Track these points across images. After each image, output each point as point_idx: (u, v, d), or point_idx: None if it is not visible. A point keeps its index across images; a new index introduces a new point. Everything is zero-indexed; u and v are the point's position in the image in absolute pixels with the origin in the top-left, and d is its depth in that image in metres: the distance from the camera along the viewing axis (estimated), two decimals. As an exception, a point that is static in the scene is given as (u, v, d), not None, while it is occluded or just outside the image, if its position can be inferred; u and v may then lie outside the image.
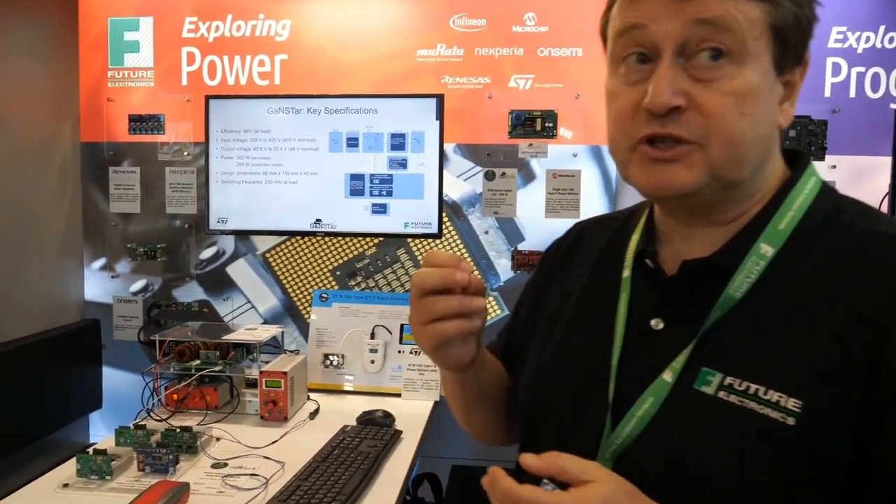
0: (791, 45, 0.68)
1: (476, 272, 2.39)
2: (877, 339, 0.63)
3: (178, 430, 1.62)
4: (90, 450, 1.49)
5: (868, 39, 2.39)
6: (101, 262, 2.54)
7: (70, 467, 1.52)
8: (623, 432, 0.71)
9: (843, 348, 0.64)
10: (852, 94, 2.41)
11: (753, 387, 0.66)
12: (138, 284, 2.52)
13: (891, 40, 2.39)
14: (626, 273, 0.80)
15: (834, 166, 2.39)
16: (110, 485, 1.46)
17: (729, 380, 0.67)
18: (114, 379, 2.55)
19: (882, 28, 2.39)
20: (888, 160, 2.22)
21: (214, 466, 1.56)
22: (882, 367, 0.62)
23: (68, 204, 2.48)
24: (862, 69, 2.40)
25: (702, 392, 0.68)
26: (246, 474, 1.52)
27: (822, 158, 2.36)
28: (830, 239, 0.69)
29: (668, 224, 0.79)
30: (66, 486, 1.46)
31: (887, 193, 2.24)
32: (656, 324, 0.74)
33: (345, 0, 2.39)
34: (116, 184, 2.49)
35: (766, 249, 0.70)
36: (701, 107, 0.66)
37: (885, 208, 2.24)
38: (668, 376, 0.70)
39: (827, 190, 0.74)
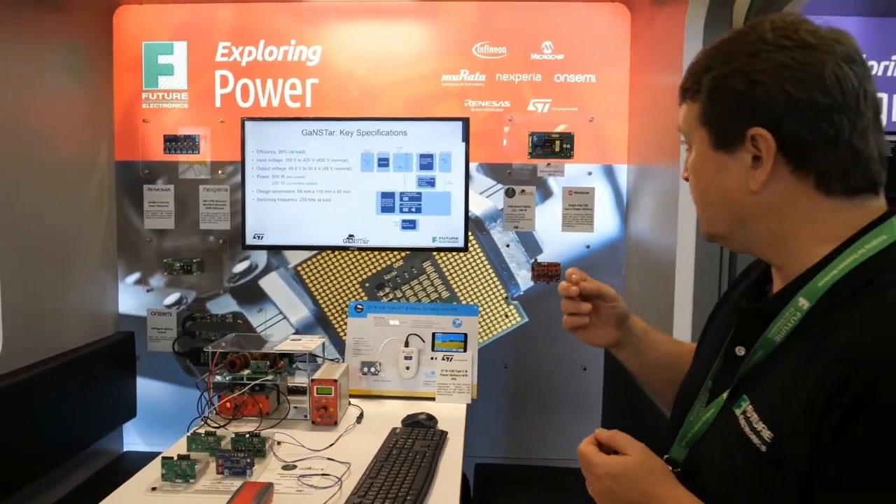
0: (717, 129, 0.87)
1: (498, 282, 2.57)
2: (839, 391, 0.72)
3: (247, 435, 1.74)
4: (174, 455, 1.60)
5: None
6: (135, 276, 2.64)
7: (153, 471, 1.63)
8: (693, 428, 0.93)
9: (817, 398, 0.73)
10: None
11: (755, 416, 0.81)
12: (172, 297, 2.63)
13: (871, 68, 2.63)
14: (743, 305, 0.98)
15: None
16: (195, 487, 1.58)
17: (748, 408, 0.83)
18: (148, 389, 2.65)
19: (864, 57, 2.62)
20: None
21: (285, 468, 1.68)
22: (823, 423, 0.73)
23: (104, 220, 2.57)
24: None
25: (734, 413, 0.85)
26: (317, 474, 1.65)
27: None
28: (860, 302, 0.76)
29: None
30: (154, 489, 1.58)
31: None
32: (739, 350, 0.89)
33: (373, 27, 2.54)
34: (151, 201, 2.59)
35: (802, 303, 0.80)
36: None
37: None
38: (725, 395, 0.89)
39: (886, 254, 0.79)
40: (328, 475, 1.64)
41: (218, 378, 2.05)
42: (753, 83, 0.81)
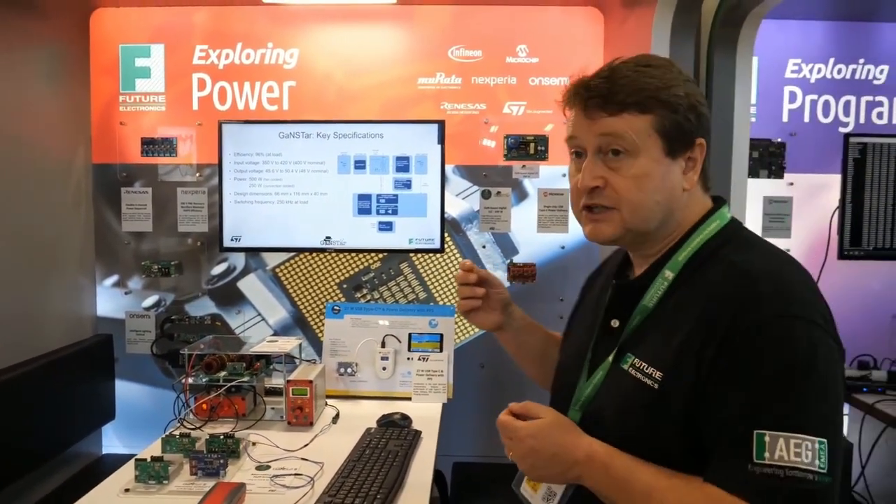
0: (675, 139, 1.01)
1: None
2: (708, 324, 0.95)
3: (221, 436, 1.76)
4: (148, 456, 1.62)
5: (820, 70, 2.67)
6: (113, 279, 2.64)
7: (126, 474, 1.64)
8: (584, 392, 1.10)
9: (691, 340, 0.96)
10: (806, 118, 2.69)
11: (643, 364, 1.01)
12: (150, 300, 2.63)
13: (839, 71, 2.68)
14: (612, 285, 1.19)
15: (791, 183, 2.66)
16: (168, 488, 1.59)
17: (636, 361, 1.03)
18: (126, 391, 2.65)
19: (832, 60, 2.67)
20: (838, 178, 2.50)
21: (259, 469, 1.70)
22: (709, 338, 0.94)
23: (82, 223, 2.57)
24: (815, 97, 2.68)
25: (623, 369, 1.05)
26: (290, 474, 1.66)
27: (781, 177, 2.62)
28: (709, 267, 1.02)
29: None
30: (127, 491, 1.59)
31: (837, 207, 2.51)
32: (614, 322, 1.10)
33: (350, 31, 2.56)
34: (129, 204, 2.60)
35: (668, 274, 1.04)
36: (613, 185, 1.02)
37: (836, 220, 2.51)
38: (610, 357, 1.08)
39: (731, 228, 1.07)
40: (301, 475, 1.66)
41: (194, 380, 2.07)
42: (699, 104, 1.04)
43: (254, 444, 1.84)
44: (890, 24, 2.64)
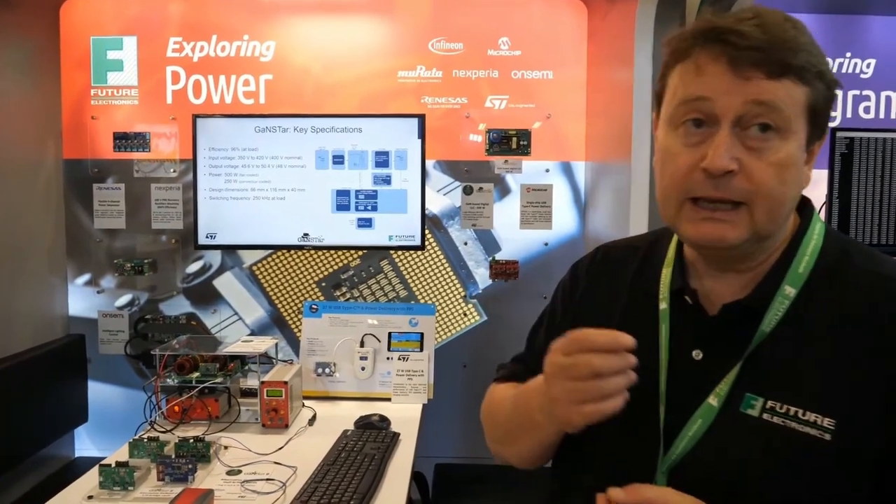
0: (820, 123, 0.81)
1: (456, 280, 2.55)
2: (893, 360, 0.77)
3: (191, 440, 1.70)
4: (112, 462, 1.56)
5: (806, 64, 2.63)
6: (85, 277, 2.57)
7: (91, 479, 1.58)
8: (677, 449, 0.82)
9: (865, 371, 0.77)
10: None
11: (793, 409, 0.77)
12: (124, 299, 2.57)
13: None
14: (664, 306, 0.89)
15: (778, 178, 2.62)
16: (134, 495, 1.54)
17: (770, 403, 0.79)
18: (99, 393, 2.59)
19: (819, 54, 2.64)
20: (825, 173, 2.47)
21: (230, 473, 1.65)
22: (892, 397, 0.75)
23: (52, 220, 2.50)
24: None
25: (747, 414, 0.80)
26: (261, 479, 1.61)
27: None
28: (844, 280, 0.82)
29: (700, 264, 0.89)
30: (90, 497, 1.53)
31: (824, 203, 2.48)
32: (697, 354, 0.85)
33: (328, 23, 2.50)
34: (101, 200, 2.53)
35: (789, 291, 0.82)
36: (750, 174, 0.77)
37: (823, 215, 2.48)
38: (713, 401, 0.81)
39: (831, 233, 0.87)
40: (273, 480, 1.61)
41: (169, 381, 2.01)
42: (837, 82, 0.81)
43: (226, 447, 1.79)
44: (877, 17, 2.61)
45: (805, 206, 0.87)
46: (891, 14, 2.59)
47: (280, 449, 1.80)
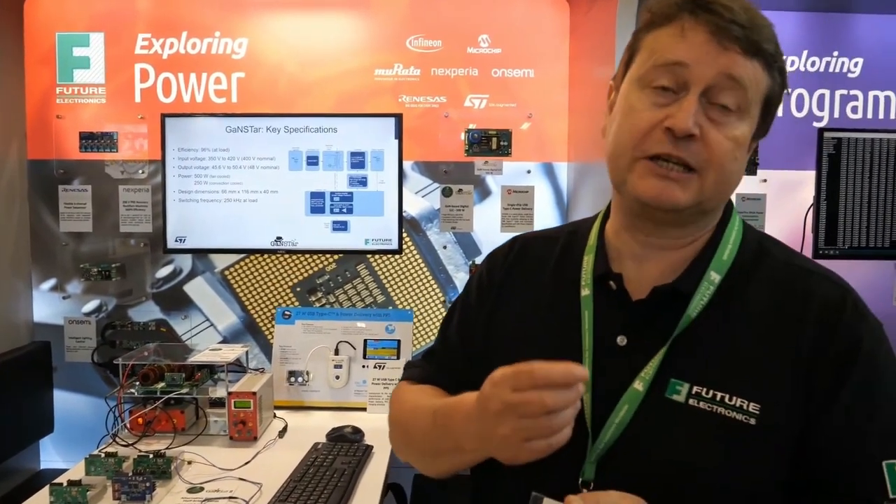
0: (769, 115, 0.83)
1: (436, 285, 2.48)
2: (814, 345, 0.80)
3: (151, 455, 1.62)
4: (64, 480, 1.48)
5: (793, 63, 2.58)
6: (50, 282, 2.48)
7: (42, 499, 1.50)
8: (605, 437, 0.81)
9: (788, 356, 0.80)
10: (780, 113, 2.58)
11: (719, 394, 0.79)
12: (91, 305, 2.48)
13: (813, 64, 2.59)
14: (586, 292, 0.89)
15: (765, 180, 2.57)
16: (87, 515, 1.46)
17: (696, 389, 0.80)
18: (66, 402, 2.50)
19: (805, 53, 2.59)
20: (812, 174, 2.41)
21: (191, 491, 1.57)
22: (820, 363, 0.79)
23: (16, 223, 2.41)
24: (788, 90, 2.58)
25: (673, 400, 0.81)
26: (224, 497, 1.54)
27: (754, 173, 2.53)
28: (764, 270, 0.85)
29: (623, 245, 0.90)
30: (40, 518, 1.45)
31: (812, 205, 2.43)
32: (621, 340, 0.85)
33: (302, 19, 2.43)
34: (67, 202, 2.44)
35: (714, 276, 0.84)
36: (708, 142, 0.79)
37: (810, 217, 2.43)
38: (638, 385, 0.81)
39: (748, 227, 0.91)
40: (236, 498, 1.53)
41: (133, 392, 1.93)
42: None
43: (189, 462, 1.71)
44: (864, 15, 2.56)
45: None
46: (878, 13, 2.55)
47: (247, 463, 1.73)
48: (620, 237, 0.90)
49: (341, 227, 2.33)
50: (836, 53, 2.57)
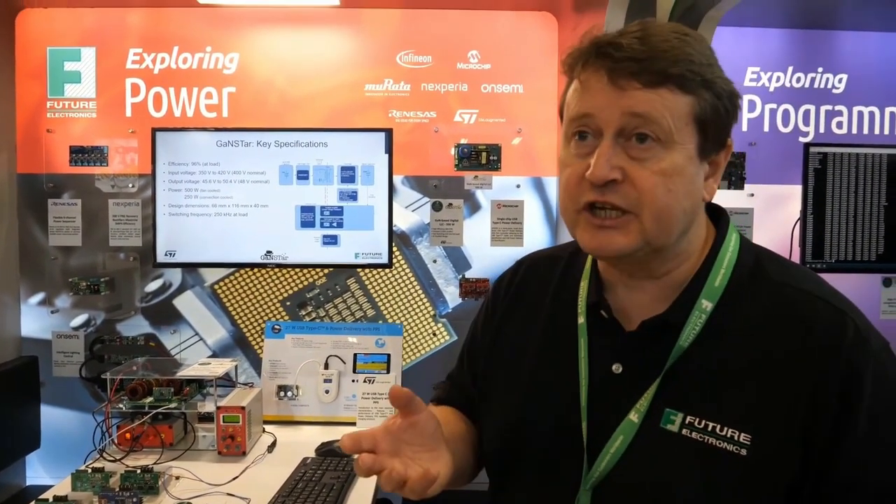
0: (711, 133, 0.80)
1: (426, 299, 2.48)
2: (815, 380, 0.77)
3: (138, 470, 1.61)
4: (50, 496, 1.47)
5: (778, 79, 2.62)
6: (39, 296, 2.47)
7: (26, 515, 1.49)
8: (600, 467, 0.82)
9: (780, 386, 0.77)
10: (766, 128, 2.63)
11: (711, 424, 0.78)
12: (80, 319, 2.47)
13: (798, 80, 2.63)
14: (581, 320, 0.90)
15: (752, 194, 2.59)
16: (72, 531, 1.44)
17: (689, 419, 0.80)
18: (53, 417, 2.48)
19: (790, 69, 2.62)
20: (798, 188, 2.44)
21: (178, 506, 1.56)
22: (820, 398, 0.76)
23: (4, 237, 2.40)
24: (774, 106, 2.62)
25: (667, 430, 0.80)
26: (212, 513, 1.53)
27: (741, 188, 2.55)
28: (758, 293, 0.83)
29: (611, 275, 0.90)
30: (25, 535, 1.43)
31: (798, 219, 2.45)
32: (616, 368, 0.85)
33: (294, 34, 2.45)
34: (56, 216, 2.44)
35: (706, 305, 0.82)
36: (634, 181, 0.77)
37: (797, 231, 2.45)
38: (634, 417, 0.82)
39: (745, 244, 0.88)
40: (224, 513, 1.52)
41: (121, 407, 1.91)
42: (737, 94, 0.82)
43: (177, 478, 1.70)
44: (848, 32, 2.60)
45: (720, 217, 0.88)
46: (862, 29, 2.59)
47: (235, 479, 1.71)
48: (608, 270, 0.90)
49: (331, 241, 2.34)
50: (820, 69, 2.61)
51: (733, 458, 0.77)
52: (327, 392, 2.16)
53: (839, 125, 2.62)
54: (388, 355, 2.19)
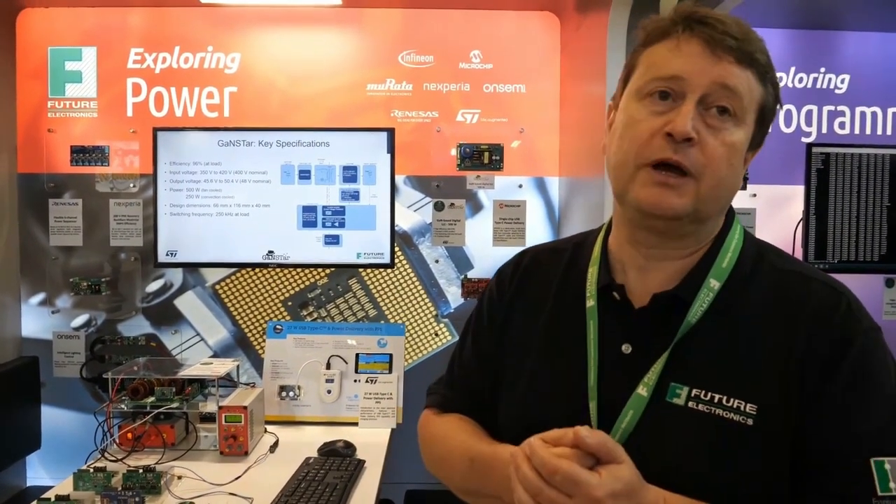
0: (764, 128, 0.86)
1: (427, 299, 2.47)
2: (807, 346, 0.81)
3: (140, 470, 1.60)
4: (52, 496, 1.46)
5: (781, 79, 2.61)
6: (39, 297, 2.46)
7: (28, 515, 1.48)
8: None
9: (782, 358, 0.81)
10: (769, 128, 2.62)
11: (717, 396, 0.82)
12: (80, 319, 2.46)
13: (800, 80, 2.62)
14: (591, 303, 0.92)
15: (755, 195, 2.59)
16: (74, 531, 1.44)
17: (695, 391, 0.83)
18: (53, 418, 2.47)
19: (793, 69, 2.62)
20: (801, 189, 2.43)
21: (180, 506, 1.55)
22: (810, 362, 0.81)
23: (5, 237, 2.40)
24: (780, 105, 2.61)
25: (674, 403, 0.83)
26: (214, 513, 1.52)
27: (744, 188, 2.55)
28: (762, 276, 0.88)
29: (628, 255, 0.92)
30: (26, 534, 1.43)
31: (801, 219, 2.45)
32: (626, 348, 0.87)
33: (295, 34, 2.44)
34: (57, 216, 2.43)
35: (714, 284, 0.86)
36: (704, 147, 0.81)
37: (800, 231, 2.45)
38: (642, 391, 0.84)
39: (749, 236, 0.93)
40: (226, 513, 1.52)
41: (123, 406, 1.91)
42: (780, 102, 0.88)
43: (179, 477, 1.69)
44: (850, 32, 2.60)
45: (728, 210, 0.92)
46: (864, 30, 2.59)
47: (237, 478, 1.71)
48: (623, 249, 0.92)
49: (333, 241, 2.33)
50: (822, 70, 2.61)
51: (740, 428, 0.80)
52: (329, 392, 2.15)
53: (842, 125, 2.62)
54: (390, 355, 2.19)
